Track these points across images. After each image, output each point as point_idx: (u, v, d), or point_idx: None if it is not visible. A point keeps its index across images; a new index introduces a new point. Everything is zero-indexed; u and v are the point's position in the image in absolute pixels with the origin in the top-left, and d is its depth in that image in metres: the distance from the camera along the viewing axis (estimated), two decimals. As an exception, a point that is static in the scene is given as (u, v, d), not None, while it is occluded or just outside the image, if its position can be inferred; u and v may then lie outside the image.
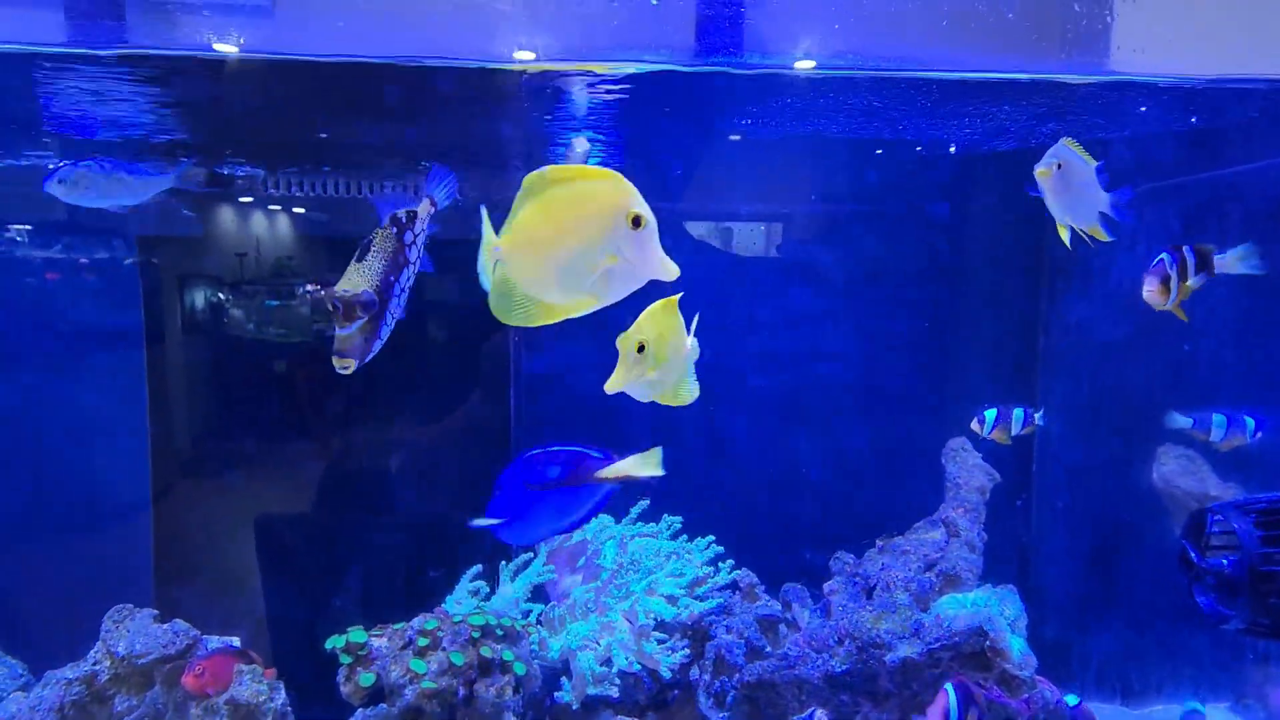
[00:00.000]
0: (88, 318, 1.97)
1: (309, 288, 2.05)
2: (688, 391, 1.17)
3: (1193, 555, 1.24)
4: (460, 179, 1.28)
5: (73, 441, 2.01)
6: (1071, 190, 1.40)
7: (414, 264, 1.19)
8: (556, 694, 1.71)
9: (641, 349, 1.07)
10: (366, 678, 1.62)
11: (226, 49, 1.52)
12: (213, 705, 1.46)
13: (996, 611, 1.56)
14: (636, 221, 0.92)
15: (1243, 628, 1.22)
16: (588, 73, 1.65)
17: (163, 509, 1.98)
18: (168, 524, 1.98)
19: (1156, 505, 1.98)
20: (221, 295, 1.94)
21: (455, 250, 1.24)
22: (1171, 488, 2.04)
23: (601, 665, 1.71)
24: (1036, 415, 1.84)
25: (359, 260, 1.13)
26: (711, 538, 1.94)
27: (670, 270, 0.95)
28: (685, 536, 1.97)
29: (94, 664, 1.63)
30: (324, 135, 1.84)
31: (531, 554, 2.03)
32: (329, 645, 1.68)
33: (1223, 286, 1.55)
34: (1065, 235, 1.46)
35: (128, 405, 1.96)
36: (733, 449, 2.33)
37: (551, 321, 0.98)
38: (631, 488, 1.37)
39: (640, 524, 2.02)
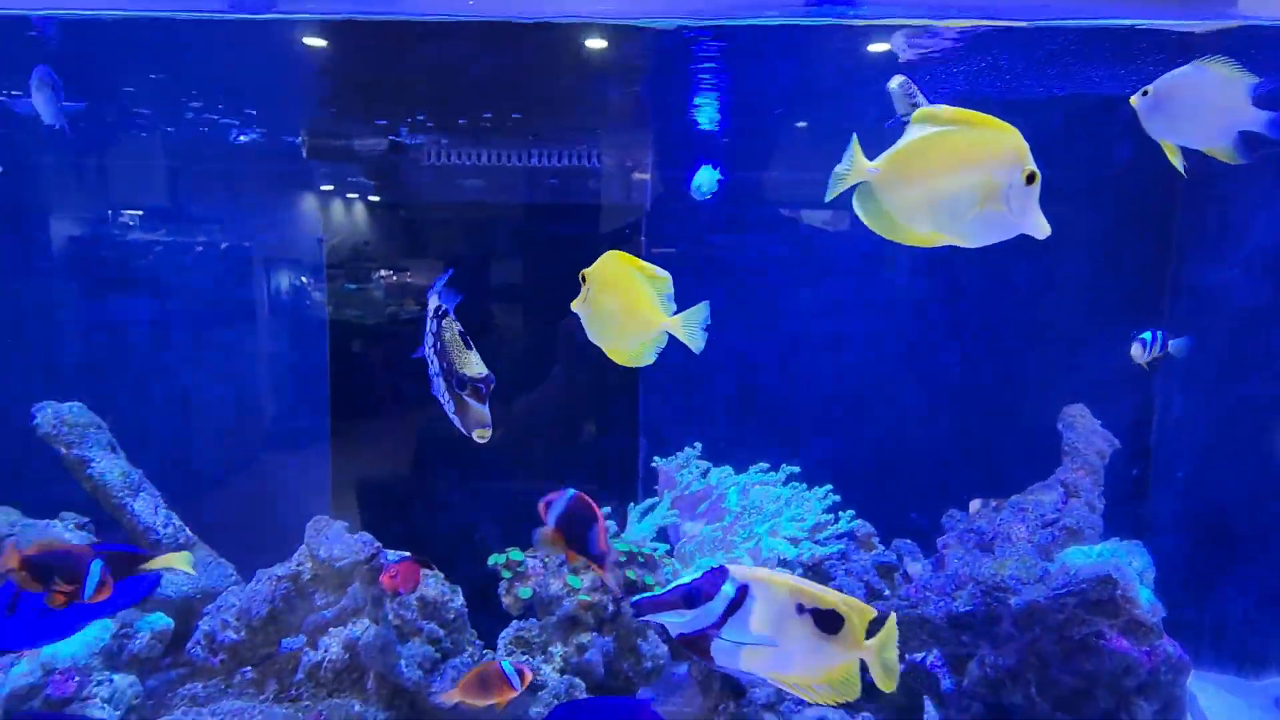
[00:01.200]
0: (280, 276, 2.22)
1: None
2: (629, 354, 1.21)
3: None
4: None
5: (267, 385, 2.28)
6: (1186, 111, 1.23)
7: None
8: (689, 618, 1.84)
9: (583, 280, 1.19)
10: (525, 591, 1.80)
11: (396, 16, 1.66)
12: (405, 601, 1.66)
13: (1124, 562, 1.58)
14: (1031, 178, 0.94)
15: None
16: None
17: (339, 443, 2.22)
18: (342, 456, 2.21)
19: (1285, 478, 1.93)
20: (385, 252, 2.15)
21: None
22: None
23: (730, 596, 1.83)
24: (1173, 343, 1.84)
25: (465, 348, 1.26)
26: (829, 487, 2.02)
27: (1043, 228, 0.95)
28: (804, 485, 2.06)
29: (298, 565, 1.88)
30: (493, 103, 1.98)
31: (657, 498, 2.17)
32: (490, 562, 1.87)
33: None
34: (1176, 159, 1.27)
35: (313, 352, 2.20)
36: (843, 409, 2.39)
37: (907, 243, 1.02)
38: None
39: (759, 474, 2.13)
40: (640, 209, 2.14)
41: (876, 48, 1.84)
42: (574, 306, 1.28)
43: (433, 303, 1.34)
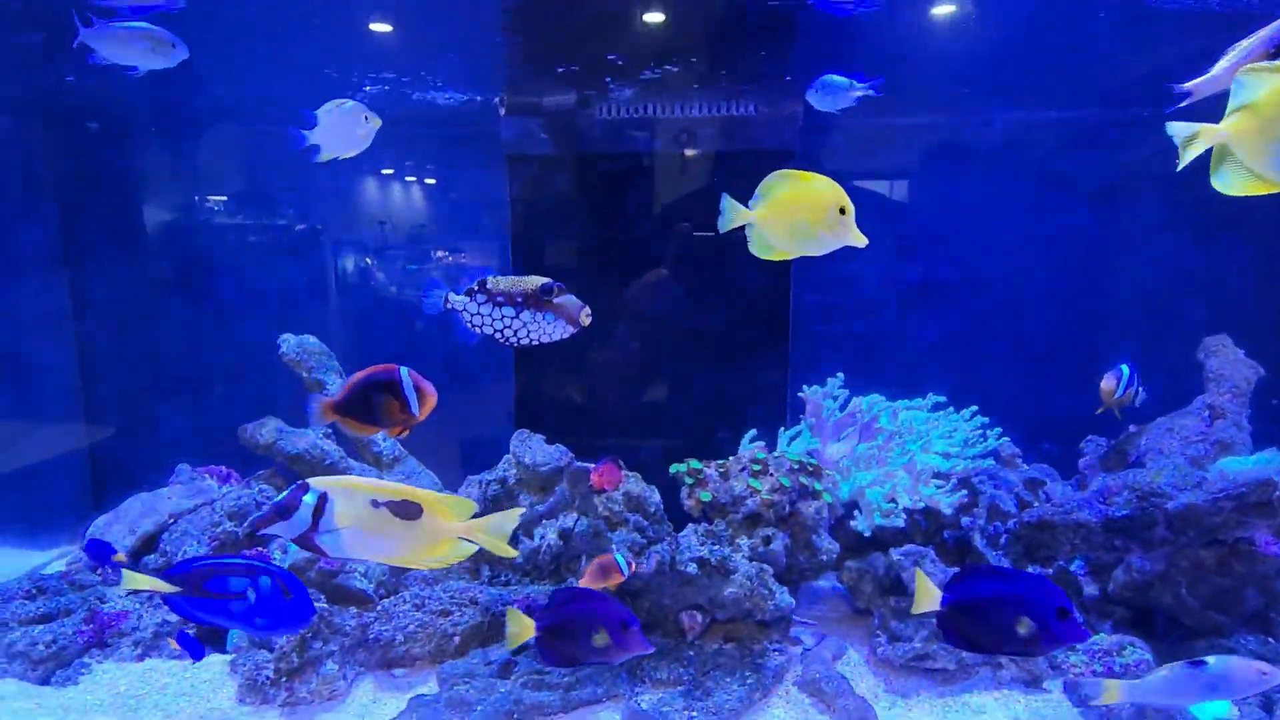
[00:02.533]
0: (470, 224, 2.46)
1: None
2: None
3: None
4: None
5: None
6: None
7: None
8: (850, 522, 2.02)
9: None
10: (705, 495, 2.00)
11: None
12: (612, 497, 1.89)
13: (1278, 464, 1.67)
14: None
15: None
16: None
17: (521, 377, 2.46)
18: (526, 385, 2.46)
19: None
20: (571, 204, 2.36)
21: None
22: None
23: (889, 502, 2.00)
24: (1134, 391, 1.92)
25: (516, 280, 1.50)
26: (975, 408, 2.14)
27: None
28: (951, 410, 2.19)
29: (504, 470, 2.14)
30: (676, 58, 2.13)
31: (802, 424, 2.35)
32: (673, 470, 2.08)
33: None
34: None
35: None
36: (980, 345, 2.49)
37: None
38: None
39: (905, 400, 2.27)
40: (792, 153, 2.27)
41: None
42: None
43: (456, 299, 1.52)
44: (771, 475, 1.92)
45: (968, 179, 2.46)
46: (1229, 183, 1.10)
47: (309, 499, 1.25)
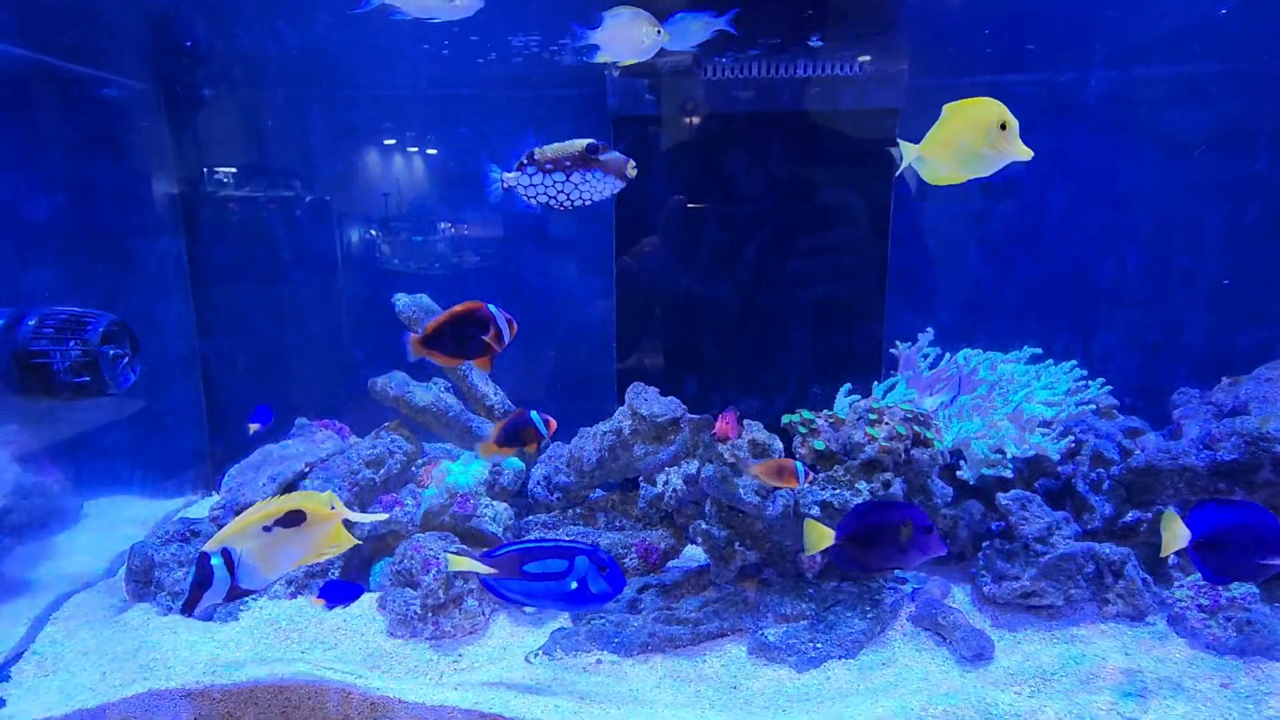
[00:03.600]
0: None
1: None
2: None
3: None
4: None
5: (568, 293, 2.61)
6: None
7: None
8: (957, 473, 2.09)
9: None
10: (818, 443, 2.07)
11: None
12: (737, 444, 1.95)
13: (1397, 413, 1.73)
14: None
15: None
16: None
17: (622, 340, 2.51)
18: (627, 345, 2.51)
19: None
20: (676, 164, 2.38)
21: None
22: None
23: (995, 453, 2.07)
24: None
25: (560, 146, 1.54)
26: (1074, 362, 2.20)
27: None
28: (1050, 362, 2.25)
29: (620, 421, 2.20)
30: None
31: (897, 377, 2.40)
32: (784, 420, 2.14)
33: None
34: None
35: (602, 261, 2.49)
36: (1067, 303, 2.53)
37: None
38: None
39: (1000, 354, 2.32)
40: (895, 111, 2.28)
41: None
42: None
43: (509, 176, 1.57)
44: (887, 424, 1.98)
45: (1068, 134, 2.47)
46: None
47: (216, 561, 1.39)
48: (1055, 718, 1.54)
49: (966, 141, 1.43)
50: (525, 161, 1.59)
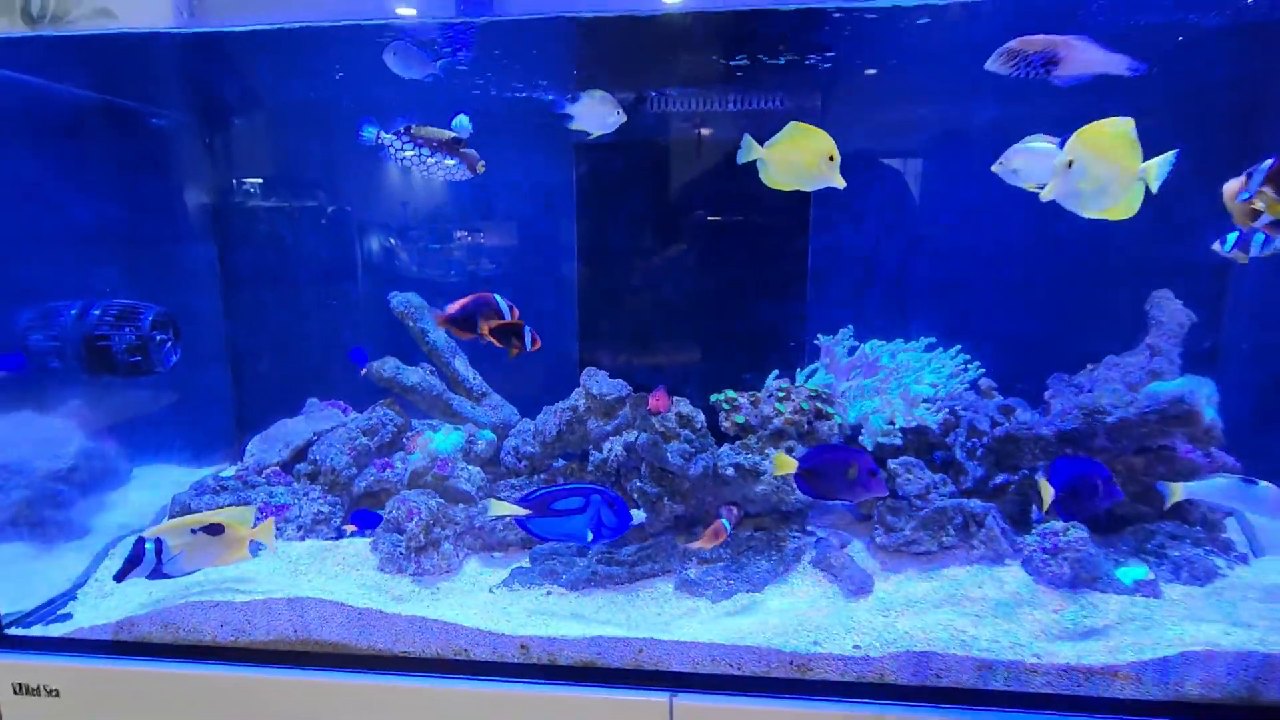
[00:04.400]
0: (538, 212, 2.91)
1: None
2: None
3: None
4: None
5: (524, 278, 3.00)
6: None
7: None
8: (858, 438, 2.46)
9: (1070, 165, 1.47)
10: (739, 418, 2.45)
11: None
12: (666, 417, 2.34)
13: (1195, 388, 2.08)
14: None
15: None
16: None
17: (584, 328, 2.90)
18: (588, 336, 2.90)
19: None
20: (627, 182, 2.78)
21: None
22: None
23: (887, 425, 2.43)
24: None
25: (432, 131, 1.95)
26: (959, 347, 2.56)
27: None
28: (941, 350, 2.61)
29: (576, 400, 2.59)
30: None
31: (818, 364, 2.77)
32: (712, 399, 2.52)
33: None
34: None
35: (564, 273, 2.89)
36: (969, 299, 2.90)
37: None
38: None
39: (902, 341, 2.68)
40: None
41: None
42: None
43: (386, 136, 1.99)
44: (793, 400, 2.36)
45: (960, 157, 2.84)
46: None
47: (149, 546, 1.83)
48: (902, 630, 1.91)
49: (800, 162, 1.82)
50: (402, 130, 2.02)
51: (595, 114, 2.17)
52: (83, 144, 2.63)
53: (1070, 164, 1.49)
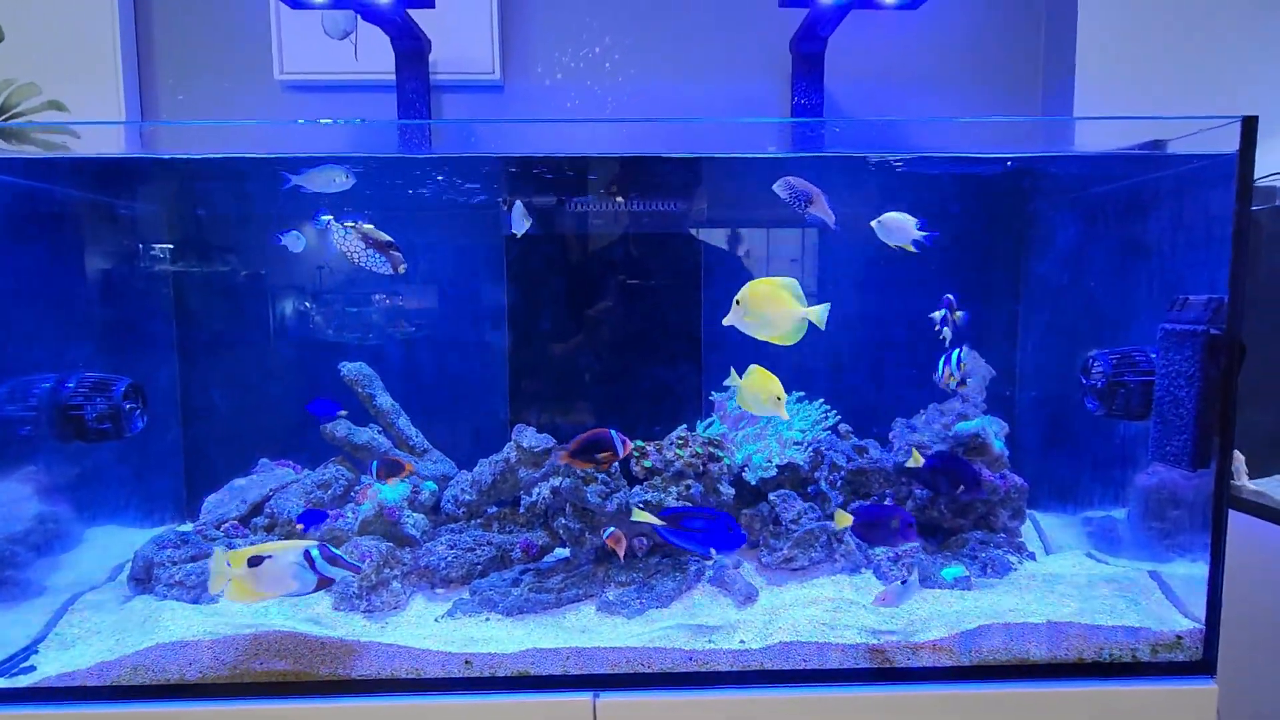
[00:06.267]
0: (475, 291, 3.32)
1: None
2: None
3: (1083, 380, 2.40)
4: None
5: (461, 348, 3.38)
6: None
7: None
8: (744, 474, 2.94)
9: (736, 303, 2.16)
10: (647, 463, 2.89)
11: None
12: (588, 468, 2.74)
13: (987, 425, 2.70)
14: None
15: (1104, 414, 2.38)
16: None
17: (514, 390, 3.30)
18: (516, 401, 3.30)
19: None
20: (549, 265, 3.26)
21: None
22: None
23: (766, 462, 2.94)
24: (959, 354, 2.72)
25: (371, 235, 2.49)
26: (822, 399, 3.13)
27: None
28: (809, 402, 3.17)
29: (508, 453, 2.96)
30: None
31: (714, 417, 3.28)
32: (625, 447, 2.95)
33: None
34: None
35: (495, 343, 3.29)
36: (835, 365, 3.50)
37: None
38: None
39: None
40: (692, 236, 3.25)
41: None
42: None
43: (335, 225, 2.52)
44: (690, 447, 2.83)
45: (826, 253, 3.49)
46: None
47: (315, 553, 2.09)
48: (777, 626, 2.35)
49: (758, 397, 2.33)
50: (350, 225, 2.45)
51: (319, 180, 2.59)
52: (57, 234, 2.85)
53: (738, 303, 2.15)
